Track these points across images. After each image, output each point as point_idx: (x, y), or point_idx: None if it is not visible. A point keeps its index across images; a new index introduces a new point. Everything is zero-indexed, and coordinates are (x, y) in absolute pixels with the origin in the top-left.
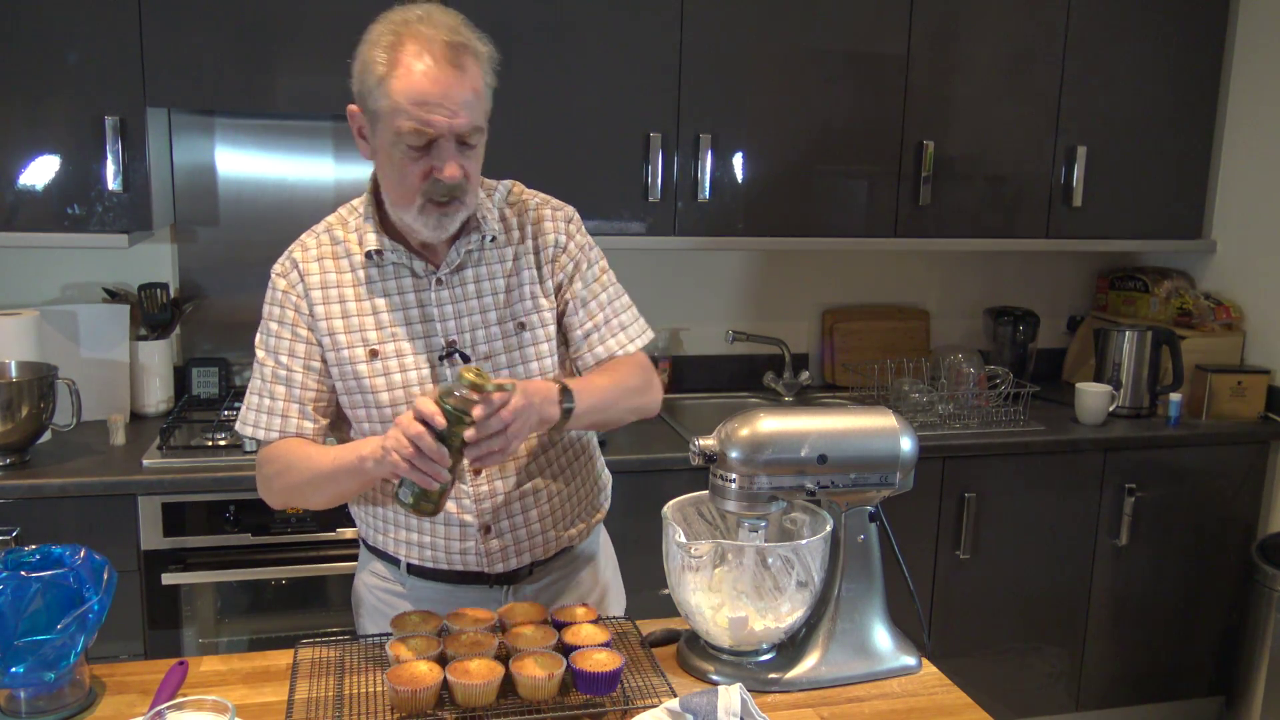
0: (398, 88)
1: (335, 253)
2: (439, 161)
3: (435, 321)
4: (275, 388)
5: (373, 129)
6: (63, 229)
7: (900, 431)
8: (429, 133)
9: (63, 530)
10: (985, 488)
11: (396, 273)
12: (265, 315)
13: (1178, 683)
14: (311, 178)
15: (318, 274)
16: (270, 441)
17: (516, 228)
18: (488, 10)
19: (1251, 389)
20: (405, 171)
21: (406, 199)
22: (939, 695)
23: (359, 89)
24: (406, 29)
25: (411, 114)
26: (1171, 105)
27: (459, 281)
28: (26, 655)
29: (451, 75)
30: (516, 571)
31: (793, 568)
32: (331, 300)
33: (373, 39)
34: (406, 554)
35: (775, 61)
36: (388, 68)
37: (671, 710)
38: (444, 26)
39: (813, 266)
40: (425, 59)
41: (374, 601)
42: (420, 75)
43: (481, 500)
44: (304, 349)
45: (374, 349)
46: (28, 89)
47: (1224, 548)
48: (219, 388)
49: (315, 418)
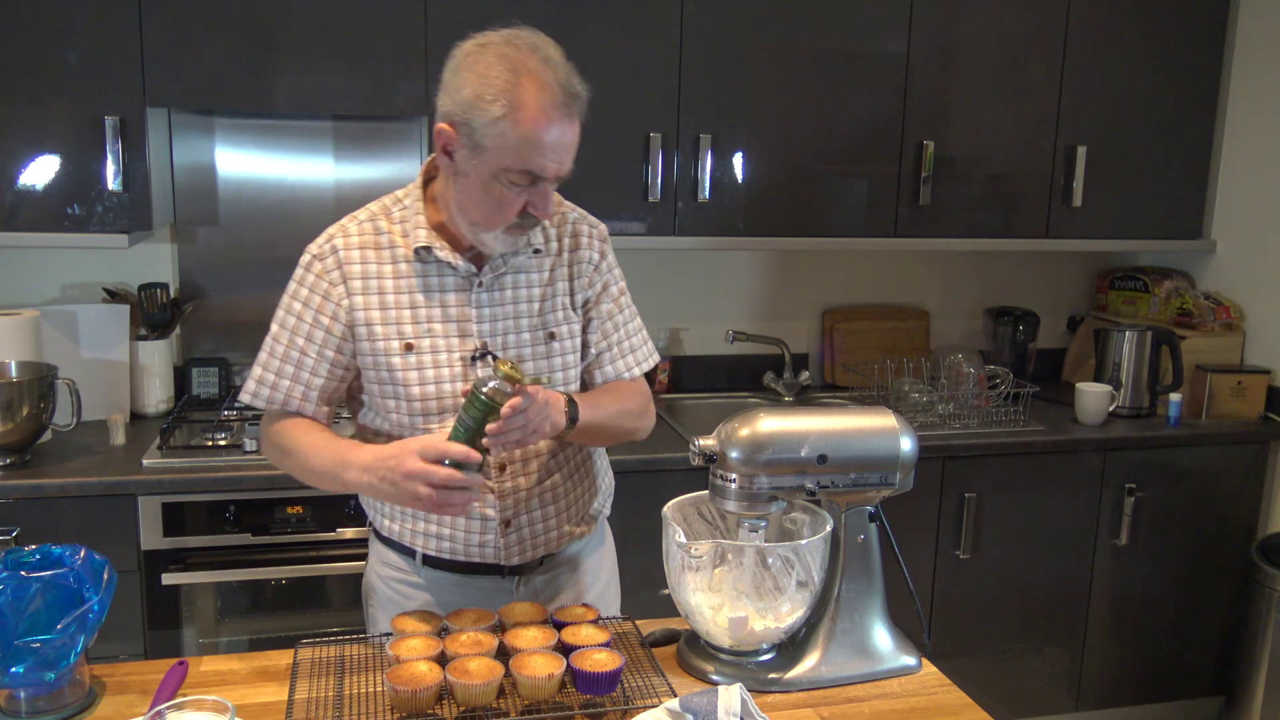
0: (516, 132)
1: (378, 243)
2: (538, 200)
3: (472, 323)
4: (284, 366)
5: (470, 155)
6: (63, 229)
7: (900, 431)
8: (538, 176)
9: (63, 530)
10: (985, 488)
11: (439, 270)
12: (290, 293)
13: (1178, 683)
14: (311, 178)
15: (359, 263)
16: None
17: (555, 239)
18: (488, 10)
19: (1251, 389)
20: (503, 202)
21: (494, 224)
22: (939, 695)
23: (461, 115)
24: (524, 71)
25: (527, 159)
26: (1171, 105)
27: (498, 286)
28: (26, 655)
29: (567, 128)
30: (529, 563)
31: (793, 568)
32: (371, 291)
33: (483, 64)
34: (423, 545)
35: (775, 61)
36: (509, 108)
37: (671, 710)
38: (559, 68)
39: (813, 266)
40: (548, 107)
41: (388, 592)
42: (542, 124)
43: (505, 496)
44: (321, 336)
45: (409, 343)
46: (28, 89)
47: (1224, 548)
48: (219, 388)
49: (317, 403)
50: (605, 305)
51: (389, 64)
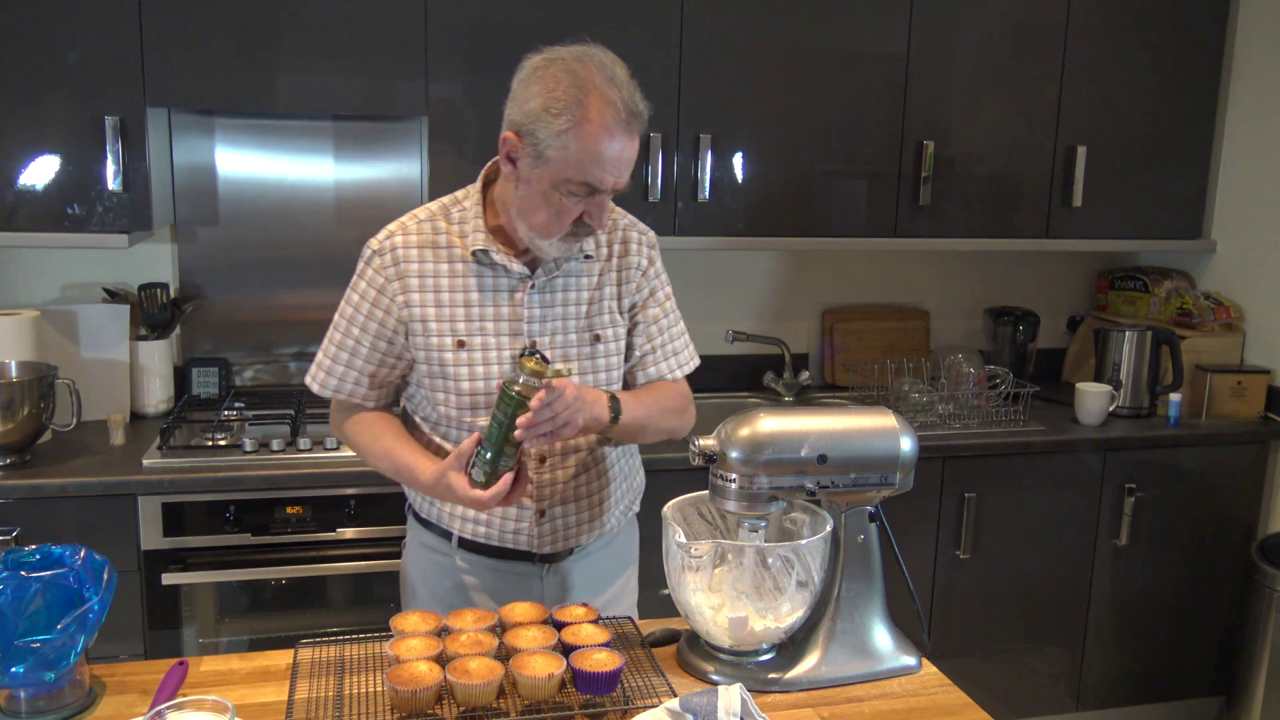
0: (579, 146)
1: (435, 242)
2: (594, 210)
3: (522, 323)
4: (340, 353)
5: (533, 164)
6: (63, 229)
7: (900, 431)
8: (597, 188)
9: (63, 530)
10: (985, 488)
11: (494, 272)
12: (351, 284)
13: (1178, 683)
14: (311, 178)
15: (416, 261)
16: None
17: (605, 244)
18: (488, 10)
19: (1251, 389)
20: (561, 210)
21: (551, 231)
22: (939, 695)
23: (527, 125)
24: (591, 86)
25: (587, 171)
26: (1171, 105)
27: (550, 289)
28: (26, 655)
29: (627, 144)
30: (559, 553)
31: (793, 568)
32: (427, 289)
33: (552, 84)
34: (460, 528)
35: (775, 61)
36: (573, 121)
37: (671, 710)
38: (625, 87)
39: (813, 266)
40: (610, 123)
41: (425, 565)
42: (604, 139)
43: (543, 488)
44: (376, 328)
45: (461, 340)
46: (28, 89)
47: (1224, 548)
48: (219, 388)
49: (372, 390)
50: (652, 309)
51: (389, 64)
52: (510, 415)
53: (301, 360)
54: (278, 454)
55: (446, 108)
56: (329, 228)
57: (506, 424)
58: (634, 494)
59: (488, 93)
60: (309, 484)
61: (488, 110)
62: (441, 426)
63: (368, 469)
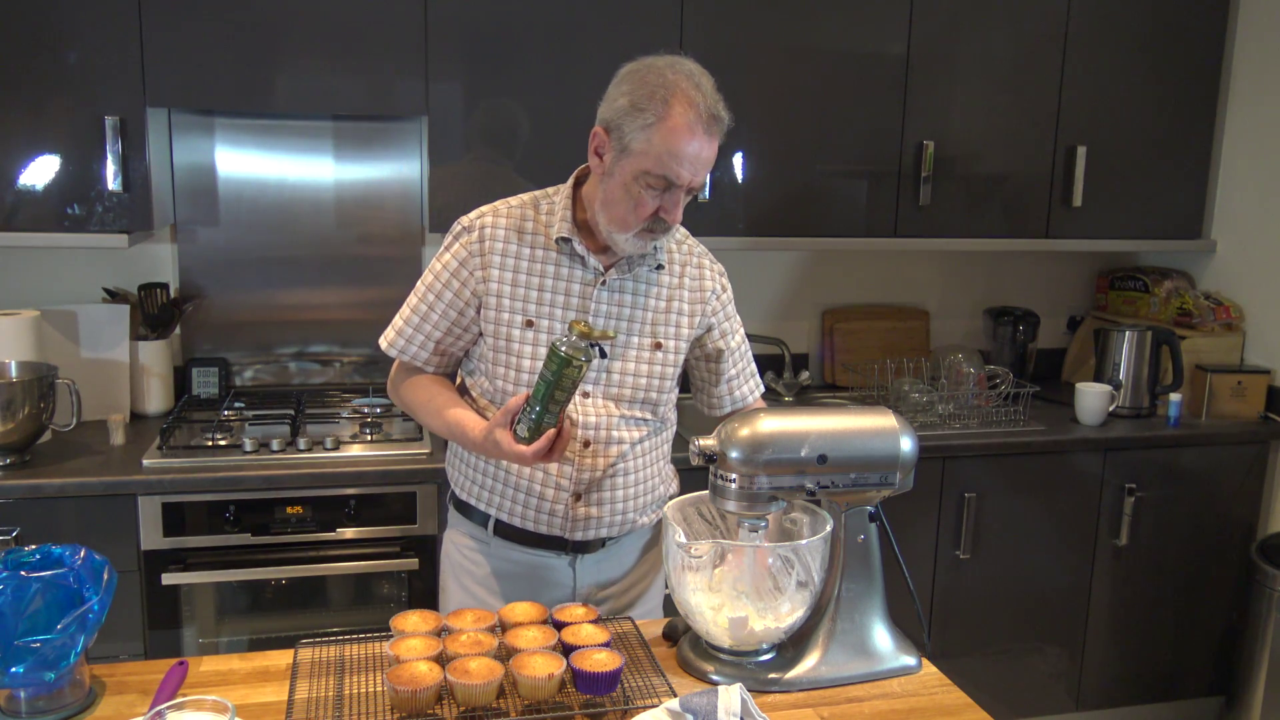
0: (661, 139)
1: (523, 228)
2: (669, 205)
3: (589, 315)
4: (413, 318)
5: (616, 158)
6: (63, 229)
7: (900, 431)
8: (673, 182)
9: (63, 530)
10: (985, 488)
11: (572, 262)
12: (437, 255)
13: (1178, 683)
14: (311, 178)
15: (501, 241)
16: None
17: (677, 263)
18: (488, 10)
19: (1251, 389)
20: (639, 203)
21: (628, 224)
22: (939, 695)
23: (616, 120)
24: (677, 88)
25: (666, 164)
26: (1171, 105)
27: (619, 289)
28: (26, 655)
29: (706, 143)
30: (589, 543)
31: (793, 568)
32: (507, 268)
33: (640, 82)
34: (497, 509)
35: (775, 61)
36: (657, 117)
37: (671, 710)
38: (709, 94)
39: (813, 266)
40: (692, 122)
41: (459, 558)
42: (685, 134)
43: (581, 471)
44: (450, 298)
45: (531, 320)
46: (28, 89)
47: (1224, 548)
48: (219, 388)
49: (434, 356)
50: (736, 338)
51: (389, 64)
52: (555, 374)
53: (301, 360)
54: (278, 454)
55: (446, 108)
56: (329, 228)
57: (552, 382)
58: (667, 488)
59: (488, 93)
60: (309, 484)
61: (488, 110)
62: (497, 401)
63: (368, 469)
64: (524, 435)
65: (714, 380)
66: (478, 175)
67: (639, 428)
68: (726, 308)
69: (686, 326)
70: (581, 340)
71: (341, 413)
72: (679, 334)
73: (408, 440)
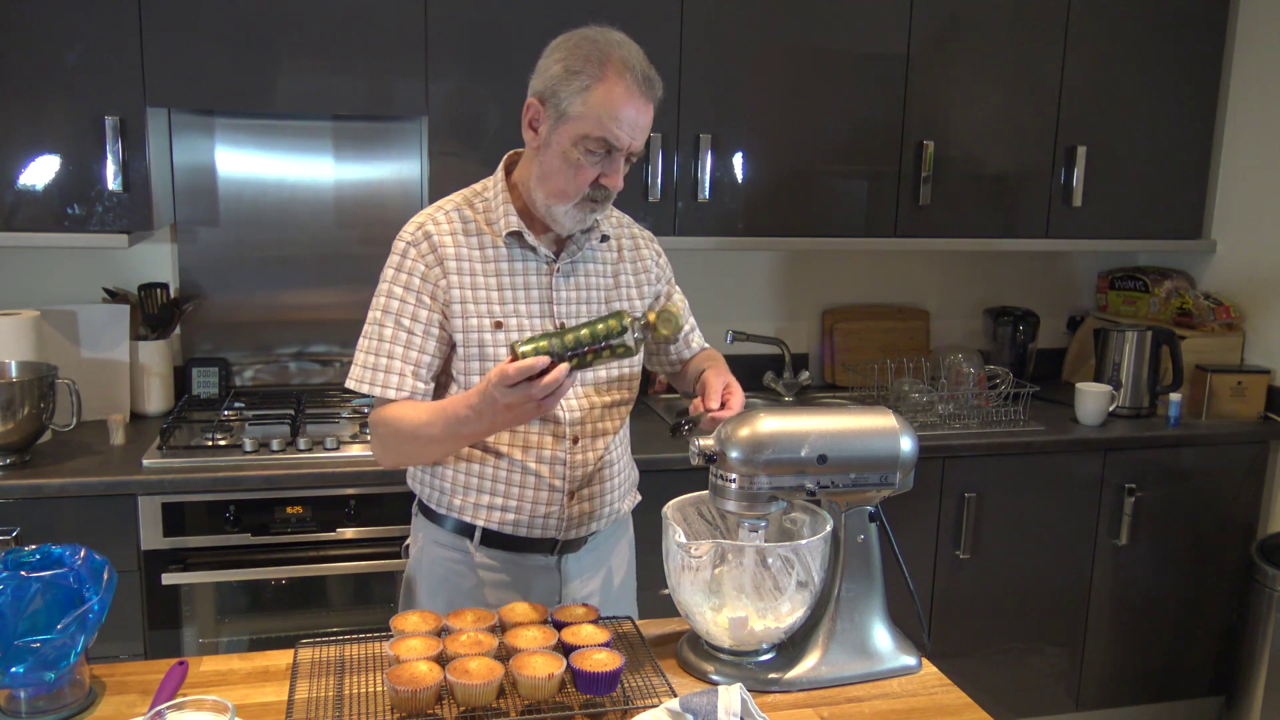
0: (600, 99)
1: (465, 229)
2: (610, 170)
3: (551, 304)
4: (394, 348)
5: (553, 126)
6: (63, 229)
7: (900, 431)
8: (613, 145)
9: (63, 530)
10: (985, 488)
11: (523, 255)
12: (389, 279)
13: (1178, 683)
14: (311, 178)
15: (451, 246)
16: (385, 401)
17: (615, 238)
18: (488, 10)
19: (1251, 389)
20: (578, 169)
21: (568, 194)
22: (939, 695)
23: (549, 88)
24: (611, 51)
25: (605, 125)
26: (1171, 105)
27: (573, 272)
28: (26, 655)
29: (643, 103)
30: (575, 541)
31: (793, 568)
32: (464, 272)
33: (572, 48)
34: (486, 519)
35: (775, 61)
36: (594, 79)
37: (671, 710)
38: (641, 58)
39: (813, 266)
40: (628, 81)
41: (441, 572)
42: (621, 94)
43: (574, 468)
44: (426, 315)
45: (499, 320)
46: (28, 89)
47: (1224, 548)
48: (219, 388)
49: (425, 380)
50: (677, 296)
51: (389, 64)
52: (601, 335)
53: (301, 360)
54: (278, 454)
55: (446, 108)
56: (329, 228)
57: (590, 337)
58: (634, 482)
59: (488, 93)
60: (309, 484)
61: (488, 110)
62: None
63: (367, 469)
64: (523, 351)
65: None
66: (478, 175)
67: (618, 417)
68: (665, 271)
69: (638, 298)
70: (645, 334)
71: (341, 413)
72: (633, 307)
73: None
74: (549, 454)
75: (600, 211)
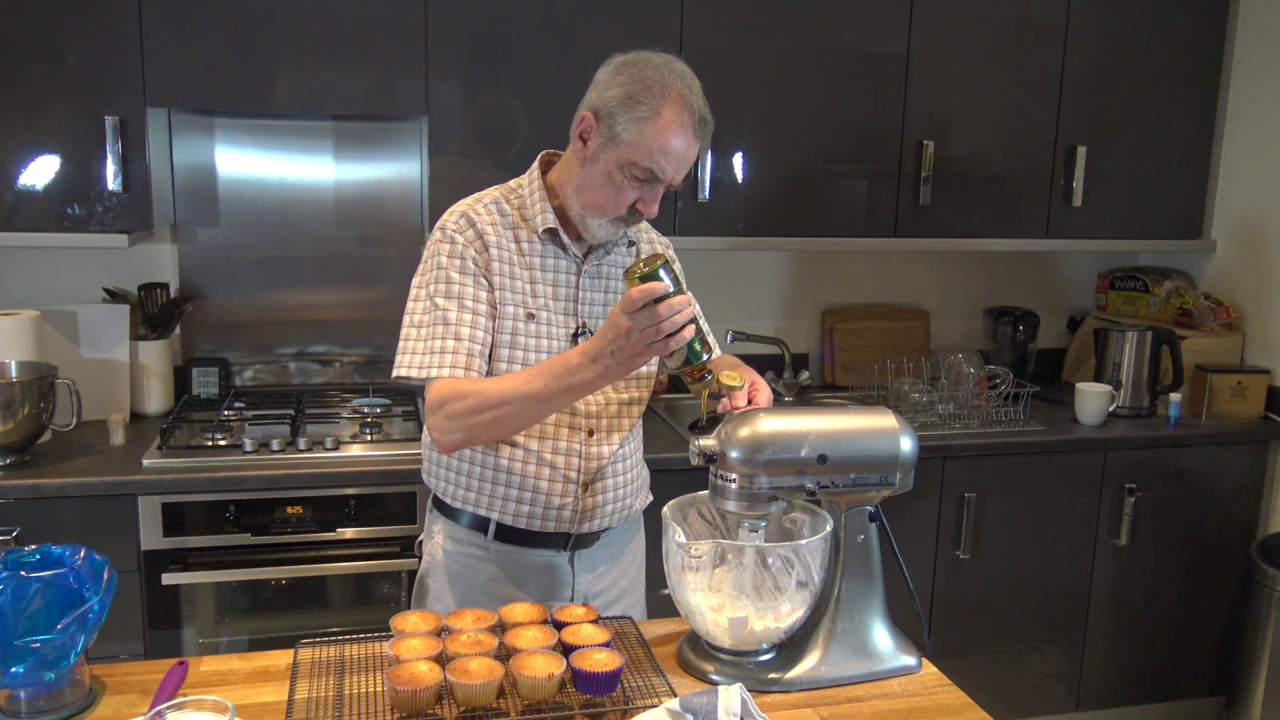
0: (654, 133)
1: (502, 222)
2: (648, 198)
3: (574, 302)
4: (460, 329)
5: (604, 145)
6: (63, 229)
7: (900, 431)
8: (657, 176)
9: (63, 530)
10: (985, 488)
11: (555, 253)
12: (443, 265)
13: (1178, 683)
14: (311, 178)
15: (493, 234)
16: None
17: (636, 241)
18: (488, 10)
19: (1251, 389)
20: (620, 191)
21: (605, 210)
22: (939, 695)
23: (609, 108)
24: (673, 85)
25: (654, 158)
26: (1171, 105)
27: (599, 274)
28: (26, 655)
29: (692, 144)
30: (588, 536)
31: (793, 568)
32: (503, 260)
33: (637, 75)
34: (500, 513)
35: (775, 61)
36: (653, 112)
37: (671, 710)
38: (699, 97)
39: (813, 266)
40: (685, 122)
41: (455, 566)
42: (675, 132)
43: (589, 460)
44: (486, 296)
45: (531, 312)
46: (28, 89)
47: (1224, 548)
48: (219, 388)
49: (484, 362)
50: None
51: (389, 64)
52: (699, 330)
53: (301, 360)
54: (278, 454)
55: (446, 108)
56: (329, 228)
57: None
58: (646, 481)
59: (488, 93)
60: (309, 484)
61: (488, 110)
62: None
63: (367, 469)
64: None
65: None
66: (478, 175)
67: (633, 414)
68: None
69: None
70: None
71: (341, 413)
72: None
73: (407, 440)
74: (564, 445)
75: (630, 227)
